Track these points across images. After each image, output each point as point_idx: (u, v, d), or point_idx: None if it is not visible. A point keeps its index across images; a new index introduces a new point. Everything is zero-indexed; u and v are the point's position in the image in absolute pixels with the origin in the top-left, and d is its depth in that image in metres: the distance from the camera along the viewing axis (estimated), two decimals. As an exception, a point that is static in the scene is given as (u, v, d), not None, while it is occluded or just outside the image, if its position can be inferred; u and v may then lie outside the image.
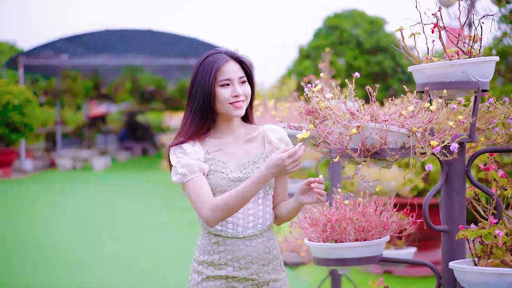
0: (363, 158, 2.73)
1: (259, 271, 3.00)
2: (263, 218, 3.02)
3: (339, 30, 21.53)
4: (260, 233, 3.00)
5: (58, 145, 26.42)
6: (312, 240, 3.31)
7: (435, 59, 3.06)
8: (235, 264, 2.97)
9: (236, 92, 2.97)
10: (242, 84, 3.02)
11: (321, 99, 2.74)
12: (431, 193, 2.96)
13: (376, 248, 3.23)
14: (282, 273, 3.12)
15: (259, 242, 3.00)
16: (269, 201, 3.06)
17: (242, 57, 3.06)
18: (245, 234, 2.97)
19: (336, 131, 2.73)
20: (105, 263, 8.36)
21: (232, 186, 2.95)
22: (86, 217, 12.22)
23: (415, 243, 6.20)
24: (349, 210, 3.27)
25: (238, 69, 3.02)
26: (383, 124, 2.68)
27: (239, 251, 2.97)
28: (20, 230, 10.76)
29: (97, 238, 10.12)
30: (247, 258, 2.97)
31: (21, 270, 7.83)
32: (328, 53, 6.01)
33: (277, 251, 3.10)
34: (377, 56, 21.11)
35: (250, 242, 2.98)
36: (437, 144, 2.68)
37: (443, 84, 2.91)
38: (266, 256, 3.02)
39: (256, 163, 3.01)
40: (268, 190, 3.03)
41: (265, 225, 3.02)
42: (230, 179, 2.96)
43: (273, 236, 3.08)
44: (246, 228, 2.98)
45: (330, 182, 5.69)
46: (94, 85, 27.59)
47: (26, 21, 78.64)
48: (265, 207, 3.04)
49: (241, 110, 3.00)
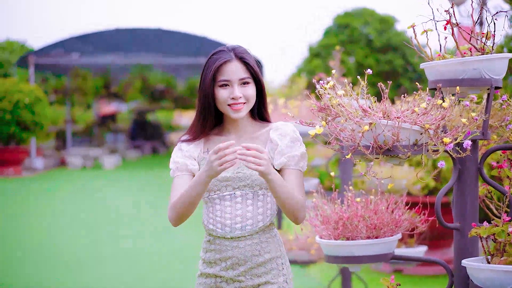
0: (375, 155, 2.72)
1: (247, 273, 2.91)
2: (253, 220, 2.91)
3: (349, 29, 21.47)
4: (250, 235, 2.90)
5: (68, 144, 26.47)
6: (324, 238, 3.30)
7: (448, 56, 3.04)
8: (222, 264, 2.92)
9: (234, 94, 2.89)
10: (244, 86, 2.92)
11: (333, 96, 2.73)
12: (443, 191, 2.95)
13: (388, 246, 3.22)
14: (281, 277, 2.97)
15: (247, 244, 2.90)
16: (263, 203, 2.94)
17: (245, 57, 2.95)
18: (233, 235, 2.89)
19: (348, 128, 2.72)
20: (111, 262, 8.37)
21: (218, 185, 2.90)
22: (95, 216, 12.24)
23: (426, 241, 6.17)
24: (361, 208, 3.27)
25: (239, 69, 2.92)
26: (396, 121, 2.67)
27: (226, 252, 2.90)
28: (29, 228, 10.79)
29: (102, 237, 10.13)
30: (233, 259, 2.90)
31: (28, 270, 7.84)
32: (338, 51, 5.99)
33: (274, 254, 2.96)
34: (388, 54, 21.05)
35: (237, 244, 2.90)
36: (450, 141, 2.66)
37: (456, 81, 2.90)
38: (255, 259, 2.91)
39: None
40: (259, 191, 2.91)
41: (255, 227, 2.91)
42: (217, 178, 2.89)
43: (268, 239, 2.96)
44: (233, 229, 2.90)
45: (341, 180, 5.67)
46: (104, 83, 27.65)
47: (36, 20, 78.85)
48: (256, 208, 2.92)
49: (240, 113, 2.92)
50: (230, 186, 2.91)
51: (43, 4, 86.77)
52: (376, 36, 21.21)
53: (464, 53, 2.98)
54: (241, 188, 2.90)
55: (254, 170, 2.67)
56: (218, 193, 2.92)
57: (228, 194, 2.91)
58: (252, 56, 3.01)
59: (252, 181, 2.89)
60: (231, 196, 2.90)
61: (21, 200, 14.13)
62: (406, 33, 21.88)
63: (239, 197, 2.90)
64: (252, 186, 2.89)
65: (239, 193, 2.90)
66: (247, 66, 2.94)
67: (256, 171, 2.68)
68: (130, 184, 17.66)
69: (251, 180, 2.89)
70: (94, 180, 18.74)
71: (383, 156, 2.74)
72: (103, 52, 24.93)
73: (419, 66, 3.11)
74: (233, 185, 2.90)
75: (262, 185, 2.90)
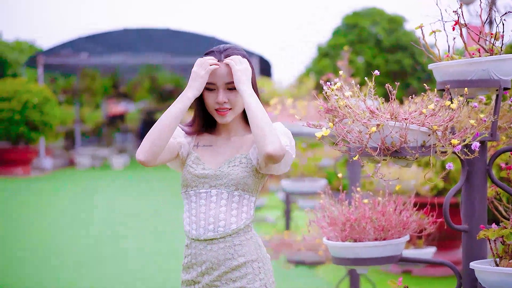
0: (382, 157, 2.70)
1: (222, 278, 2.81)
2: (225, 221, 2.80)
3: (358, 29, 21.44)
4: (222, 237, 2.80)
5: (77, 144, 26.55)
6: (331, 239, 3.28)
7: (456, 57, 3.02)
8: (198, 269, 2.84)
9: (217, 99, 2.82)
10: (230, 91, 2.84)
11: (340, 97, 2.71)
12: (452, 192, 2.93)
13: (396, 248, 3.20)
14: (257, 282, 2.83)
15: (220, 248, 2.80)
16: (237, 205, 2.83)
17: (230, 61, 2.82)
18: (206, 236, 2.80)
19: (356, 129, 2.70)
20: (113, 262, 8.37)
21: (196, 181, 2.84)
22: (103, 215, 12.26)
23: (435, 242, 6.15)
24: (369, 210, 3.25)
25: (226, 73, 2.82)
26: (403, 123, 2.65)
27: (201, 256, 2.82)
28: (38, 227, 10.81)
29: (104, 237, 10.13)
30: (207, 264, 2.81)
31: (28, 270, 7.85)
32: (347, 52, 5.97)
33: (249, 257, 2.83)
34: (396, 54, 21.00)
35: (211, 247, 2.80)
36: (458, 143, 2.64)
37: (464, 82, 2.88)
38: (228, 263, 2.80)
39: (231, 162, 2.85)
40: (234, 192, 2.82)
41: (228, 229, 2.80)
42: (195, 174, 2.85)
43: (242, 242, 2.83)
44: (206, 230, 2.80)
45: (349, 181, 5.65)
46: (113, 83, 27.73)
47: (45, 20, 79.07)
48: (230, 209, 2.82)
49: (225, 118, 2.85)
50: (207, 184, 2.84)
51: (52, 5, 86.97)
52: (385, 36, 21.17)
53: (473, 54, 2.96)
54: (217, 186, 2.82)
55: (235, 71, 2.76)
56: (195, 189, 2.86)
57: (204, 192, 2.84)
58: (244, 62, 2.85)
59: (228, 180, 2.81)
60: (207, 194, 2.83)
61: (28, 200, 14.15)
62: (415, 33, 21.83)
63: (214, 196, 2.82)
64: (228, 186, 2.81)
65: (214, 192, 2.82)
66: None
67: (235, 73, 2.76)
68: (137, 184, 17.67)
69: (227, 179, 2.81)
70: (101, 180, 18.77)
71: (390, 158, 2.72)
72: (112, 52, 24.98)
73: (428, 66, 3.09)
74: (210, 182, 2.83)
75: (238, 185, 2.81)
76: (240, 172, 2.81)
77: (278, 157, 2.66)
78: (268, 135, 2.67)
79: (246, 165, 2.83)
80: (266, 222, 11.12)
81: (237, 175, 2.80)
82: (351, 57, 18.91)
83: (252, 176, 2.83)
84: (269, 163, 2.72)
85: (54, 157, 23.28)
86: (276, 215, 11.14)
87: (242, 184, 2.82)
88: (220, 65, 2.83)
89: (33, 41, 30.70)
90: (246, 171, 2.82)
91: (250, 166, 2.83)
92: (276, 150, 2.65)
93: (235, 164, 2.83)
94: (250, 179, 2.83)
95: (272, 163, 2.70)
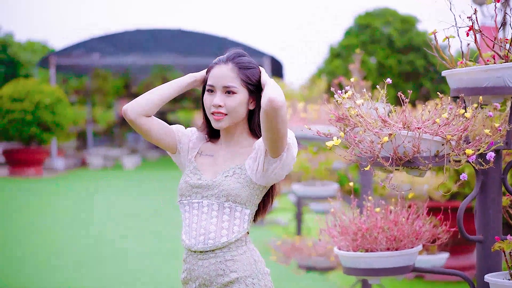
0: (395, 166, 2.64)
1: None
2: (216, 234, 2.70)
3: (371, 29, 21.33)
4: (212, 251, 2.70)
5: (89, 144, 26.57)
6: (342, 249, 3.23)
7: (470, 64, 2.96)
8: (193, 285, 2.76)
9: (213, 102, 2.72)
10: (227, 95, 2.73)
11: (352, 106, 2.65)
12: (466, 202, 2.87)
13: (409, 258, 3.14)
14: None
15: (211, 263, 2.70)
16: (229, 217, 2.72)
17: (239, 64, 2.75)
18: (196, 248, 2.71)
19: (367, 139, 2.64)
20: (114, 262, 8.36)
21: (190, 191, 2.78)
22: (112, 215, 12.24)
23: (448, 247, 6.07)
24: (381, 219, 3.19)
25: (226, 76, 2.72)
26: (416, 132, 2.59)
27: (194, 271, 2.74)
28: (49, 227, 10.80)
29: (106, 237, 10.12)
30: (200, 280, 2.73)
31: (29, 270, 7.83)
32: (359, 54, 5.91)
33: (242, 273, 2.71)
34: (409, 55, 20.88)
35: (202, 262, 2.72)
36: (472, 153, 2.58)
37: (479, 89, 2.82)
38: (220, 279, 2.70)
39: (225, 173, 2.75)
40: (224, 203, 2.71)
41: (218, 242, 2.69)
42: (190, 184, 2.79)
43: (235, 257, 2.72)
44: (198, 241, 2.72)
45: (360, 186, 5.59)
46: (125, 84, 27.76)
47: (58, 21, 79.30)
48: (221, 222, 2.71)
49: (220, 123, 2.74)
50: (199, 194, 2.76)
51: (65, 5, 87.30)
52: (398, 36, 21.05)
53: (488, 61, 2.90)
54: (208, 197, 2.74)
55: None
56: (188, 199, 2.79)
57: (196, 202, 2.76)
58: (251, 66, 2.77)
59: (219, 191, 2.71)
60: (199, 205, 2.75)
61: (40, 200, 14.15)
62: (427, 33, 21.71)
63: (205, 207, 2.74)
64: (219, 197, 2.71)
65: (206, 203, 2.74)
66: (239, 74, 2.73)
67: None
68: (149, 184, 17.66)
69: (218, 190, 2.71)
70: (113, 180, 18.76)
71: (403, 168, 2.66)
72: (124, 53, 24.98)
73: (441, 73, 3.03)
74: (203, 193, 2.75)
75: (229, 197, 2.70)
76: (232, 183, 2.71)
77: (277, 104, 2.51)
78: (277, 89, 2.57)
79: (239, 175, 2.72)
80: (277, 225, 11.07)
81: (228, 186, 2.70)
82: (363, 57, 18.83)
83: (246, 188, 2.71)
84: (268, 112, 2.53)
85: (66, 158, 23.30)
86: (287, 218, 11.09)
87: (234, 195, 2.70)
88: (222, 67, 2.76)
89: (46, 42, 30.77)
90: (239, 182, 2.71)
91: (244, 177, 2.72)
92: (279, 96, 2.52)
93: (228, 175, 2.74)
94: (242, 191, 2.71)
95: (271, 111, 2.52)
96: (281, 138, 2.58)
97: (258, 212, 2.87)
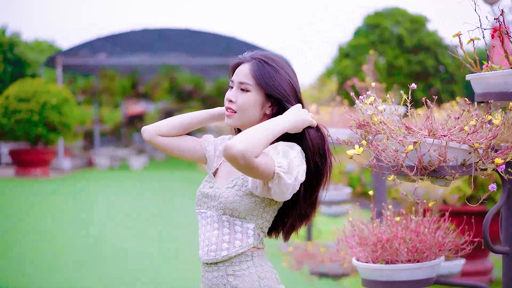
0: (419, 176, 2.50)
1: None
2: (217, 246, 2.58)
3: (380, 29, 21.18)
4: (215, 264, 2.59)
5: (96, 144, 26.51)
6: (361, 260, 3.10)
7: (496, 67, 2.82)
8: None
9: (227, 96, 2.61)
10: (242, 92, 2.60)
11: (375, 112, 2.50)
12: (491, 212, 2.74)
13: (431, 270, 3.01)
14: None
15: (214, 276, 2.59)
16: (229, 230, 2.57)
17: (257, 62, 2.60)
18: (203, 259, 2.61)
19: (391, 147, 2.50)
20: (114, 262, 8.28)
21: (200, 200, 2.66)
22: (119, 216, 12.15)
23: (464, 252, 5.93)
24: (401, 229, 3.05)
25: (243, 73, 2.59)
26: (442, 140, 2.45)
27: (203, 282, 2.63)
28: (57, 227, 10.72)
29: (106, 237, 10.05)
30: None
31: (29, 270, 7.75)
32: (372, 55, 5.78)
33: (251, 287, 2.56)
34: (419, 55, 20.72)
35: (208, 275, 2.60)
36: (502, 162, 2.44)
37: (506, 94, 2.68)
38: None
39: (230, 183, 2.61)
40: (222, 216, 2.57)
41: (219, 255, 2.57)
42: (201, 192, 2.68)
43: (236, 272, 2.57)
44: (203, 253, 2.62)
45: (374, 190, 5.45)
46: (132, 84, 27.67)
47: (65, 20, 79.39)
48: (222, 234, 2.58)
49: (228, 119, 2.61)
50: (205, 204, 2.65)
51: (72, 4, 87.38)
52: (407, 36, 20.89)
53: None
54: (211, 208, 2.62)
55: None
56: (198, 208, 2.68)
57: (203, 212, 2.65)
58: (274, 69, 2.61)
59: (218, 203, 2.58)
60: (205, 215, 2.64)
61: (46, 201, 14.07)
62: (437, 33, 21.55)
63: (209, 218, 2.62)
64: (217, 209, 2.58)
65: (209, 214, 2.62)
66: (256, 74, 2.58)
67: None
68: (156, 185, 17.55)
69: (218, 202, 2.58)
70: (120, 181, 18.66)
71: (428, 177, 2.52)
72: (131, 52, 24.91)
73: (466, 77, 2.89)
74: (208, 203, 2.64)
75: (226, 210, 2.55)
76: (231, 195, 2.56)
77: (231, 154, 2.29)
78: (244, 133, 2.36)
79: (239, 187, 2.56)
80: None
81: (226, 199, 2.55)
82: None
83: (245, 200, 2.54)
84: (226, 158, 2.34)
85: (73, 158, 23.23)
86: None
87: (231, 209, 2.55)
88: (244, 65, 2.62)
89: (53, 41, 30.72)
90: (238, 194, 2.55)
91: (244, 190, 2.55)
92: (239, 145, 2.29)
93: (229, 186, 2.59)
94: (241, 204, 2.54)
95: (227, 158, 2.32)
96: (257, 177, 2.41)
97: (279, 227, 2.74)
